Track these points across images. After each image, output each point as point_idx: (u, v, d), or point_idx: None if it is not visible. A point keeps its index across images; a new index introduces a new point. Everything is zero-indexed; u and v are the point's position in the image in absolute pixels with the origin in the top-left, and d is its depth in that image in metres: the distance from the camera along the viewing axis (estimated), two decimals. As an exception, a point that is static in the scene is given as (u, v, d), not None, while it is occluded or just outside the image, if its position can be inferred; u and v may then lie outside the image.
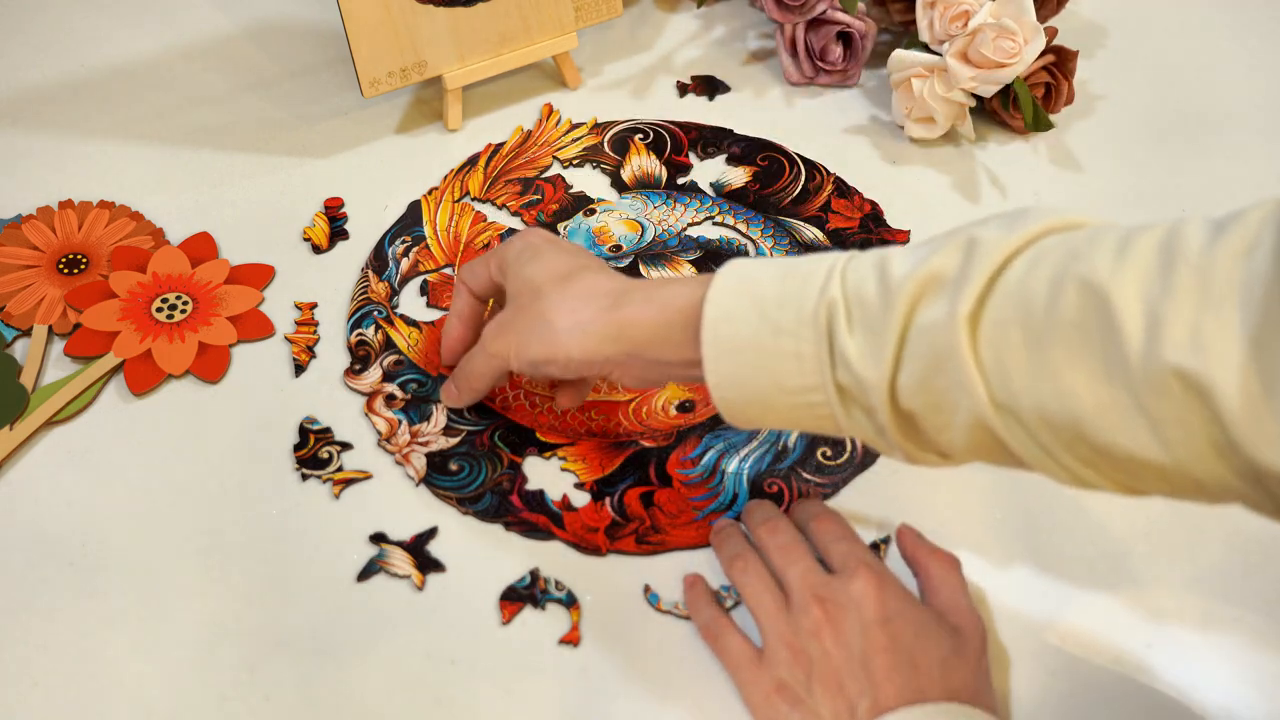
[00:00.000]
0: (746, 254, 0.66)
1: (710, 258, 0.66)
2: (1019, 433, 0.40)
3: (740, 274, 0.46)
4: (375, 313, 0.63)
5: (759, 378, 0.45)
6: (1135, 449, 0.38)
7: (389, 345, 0.61)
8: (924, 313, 0.42)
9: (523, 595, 0.52)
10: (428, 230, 0.67)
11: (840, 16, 0.75)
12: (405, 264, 0.65)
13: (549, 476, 0.56)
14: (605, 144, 0.72)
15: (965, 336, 0.40)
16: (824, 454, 0.57)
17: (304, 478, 0.56)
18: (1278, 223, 0.36)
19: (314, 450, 0.57)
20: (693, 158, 0.72)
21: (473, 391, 0.56)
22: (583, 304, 0.50)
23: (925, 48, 0.72)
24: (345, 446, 0.57)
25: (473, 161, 0.71)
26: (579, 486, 0.56)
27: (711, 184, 0.70)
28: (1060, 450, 0.40)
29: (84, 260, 0.64)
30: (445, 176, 0.70)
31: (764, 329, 0.44)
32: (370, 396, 0.59)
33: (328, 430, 0.57)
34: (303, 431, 0.57)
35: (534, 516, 0.55)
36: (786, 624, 0.48)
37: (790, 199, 0.69)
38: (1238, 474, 0.36)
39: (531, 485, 0.56)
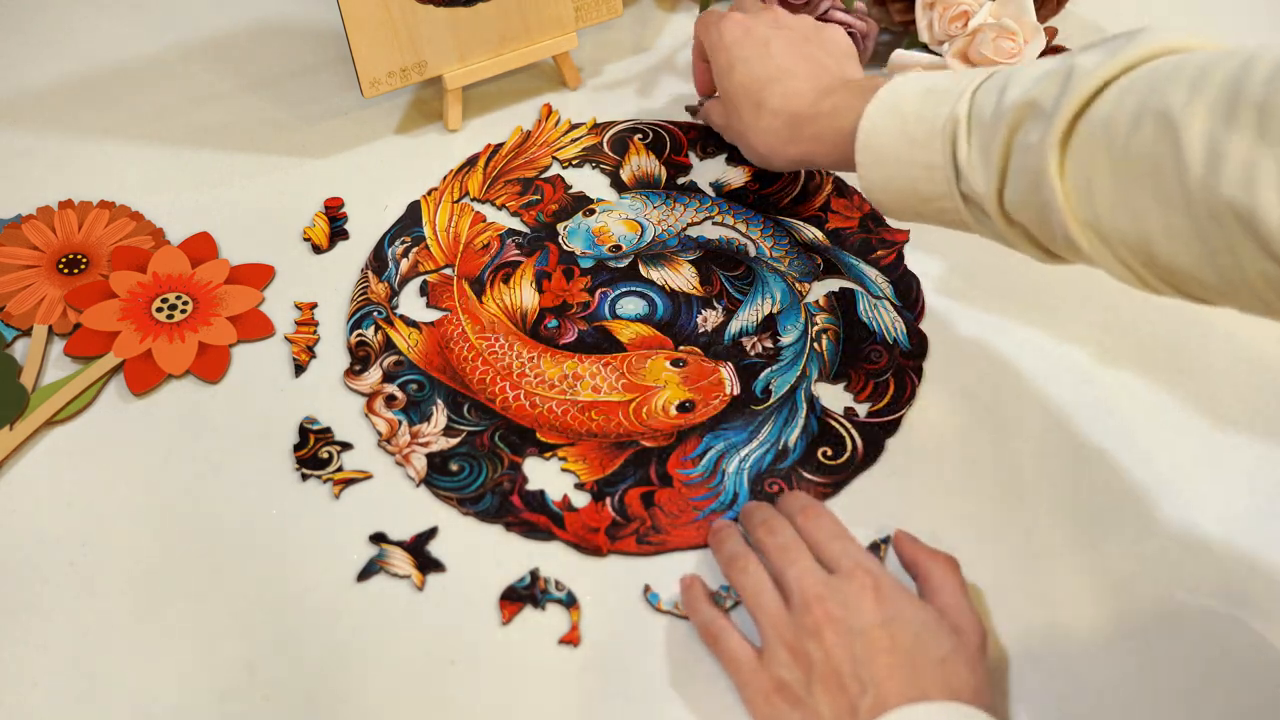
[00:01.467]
0: (746, 254, 0.66)
1: (710, 257, 0.66)
2: (1101, 249, 0.45)
3: (893, 90, 0.52)
4: (375, 313, 0.63)
5: (902, 185, 0.52)
6: (1196, 272, 0.42)
7: (389, 346, 0.61)
8: (1023, 135, 0.46)
9: (523, 595, 0.52)
10: (427, 231, 0.67)
11: (841, 16, 0.74)
12: (405, 264, 0.65)
13: (549, 476, 0.56)
14: (605, 144, 0.72)
15: (1054, 159, 0.45)
16: (824, 454, 0.57)
17: (304, 478, 0.56)
18: None
19: (314, 450, 0.57)
20: (692, 158, 0.72)
21: (710, 124, 0.71)
22: (770, 132, 0.60)
23: (925, 48, 0.72)
24: (345, 447, 0.57)
25: (472, 162, 0.71)
26: (579, 487, 0.56)
27: (711, 184, 0.70)
28: (1137, 265, 0.44)
29: (84, 260, 0.64)
30: (445, 177, 0.70)
31: (903, 142, 0.51)
32: (370, 397, 0.59)
33: (328, 430, 0.57)
34: (303, 431, 0.57)
35: (534, 516, 0.55)
36: (786, 624, 0.48)
37: (790, 199, 0.69)
38: None
39: (532, 485, 0.56)
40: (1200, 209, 0.40)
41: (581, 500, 0.55)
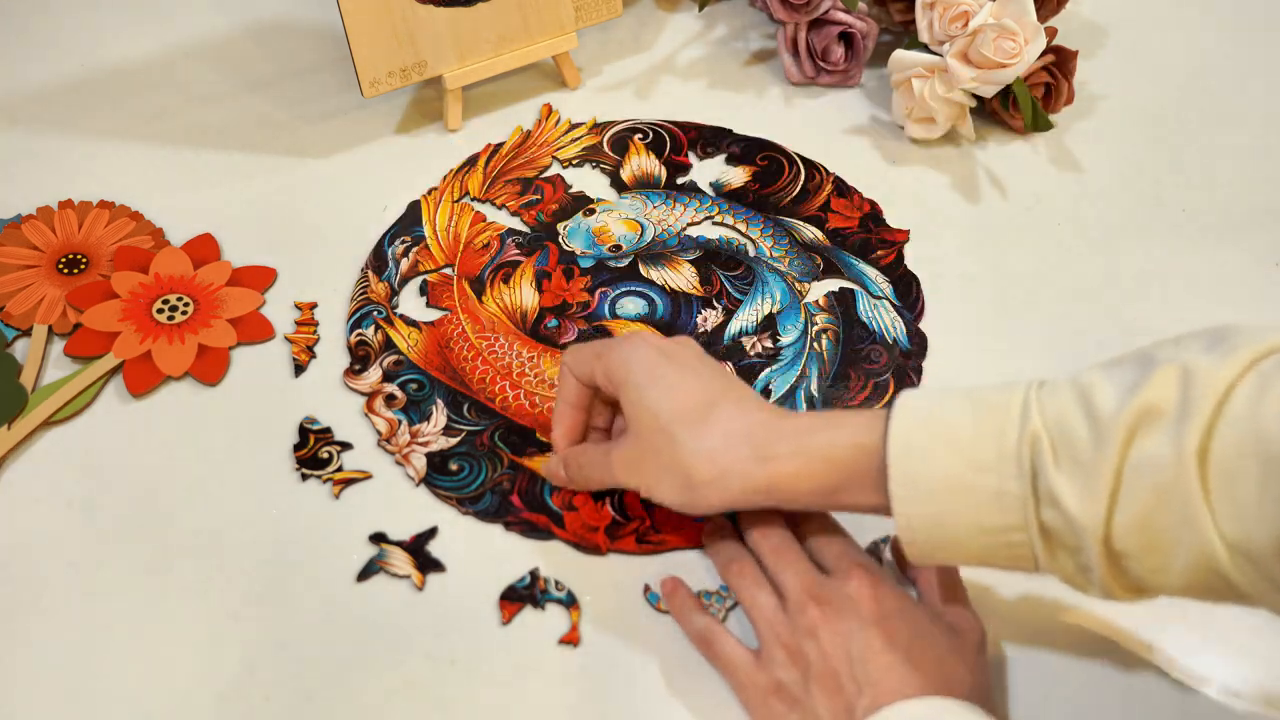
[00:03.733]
0: (746, 254, 0.66)
1: (710, 257, 0.66)
2: (1249, 571, 0.39)
3: (925, 408, 0.44)
4: (375, 313, 0.63)
5: (956, 518, 0.43)
6: None
7: (389, 345, 0.61)
8: (1143, 448, 0.39)
9: (523, 595, 0.52)
10: (427, 230, 0.67)
11: (842, 17, 0.75)
12: (405, 264, 0.65)
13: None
14: (605, 144, 0.72)
15: (1194, 472, 0.38)
16: (824, 454, 0.57)
17: (304, 478, 0.56)
18: None
19: (314, 450, 0.57)
20: (692, 157, 0.72)
21: (585, 488, 0.54)
22: (722, 452, 0.46)
23: (925, 48, 0.72)
24: (345, 446, 0.57)
25: (472, 162, 0.71)
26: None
27: (711, 184, 0.70)
28: None
29: (84, 260, 0.64)
30: (445, 177, 0.70)
31: (963, 467, 0.42)
32: (370, 396, 0.59)
33: (328, 430, 0.57)
34: (303, 431, 0.57)
35: (534, 516, 0.55)
36: (782, 625, 0.48)
37: (790, 199, 0.69)
38: None
39: (532, 485, 0.56)
40: None
41: (581, 500, 0.55)
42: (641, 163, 0.71)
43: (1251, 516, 0.38)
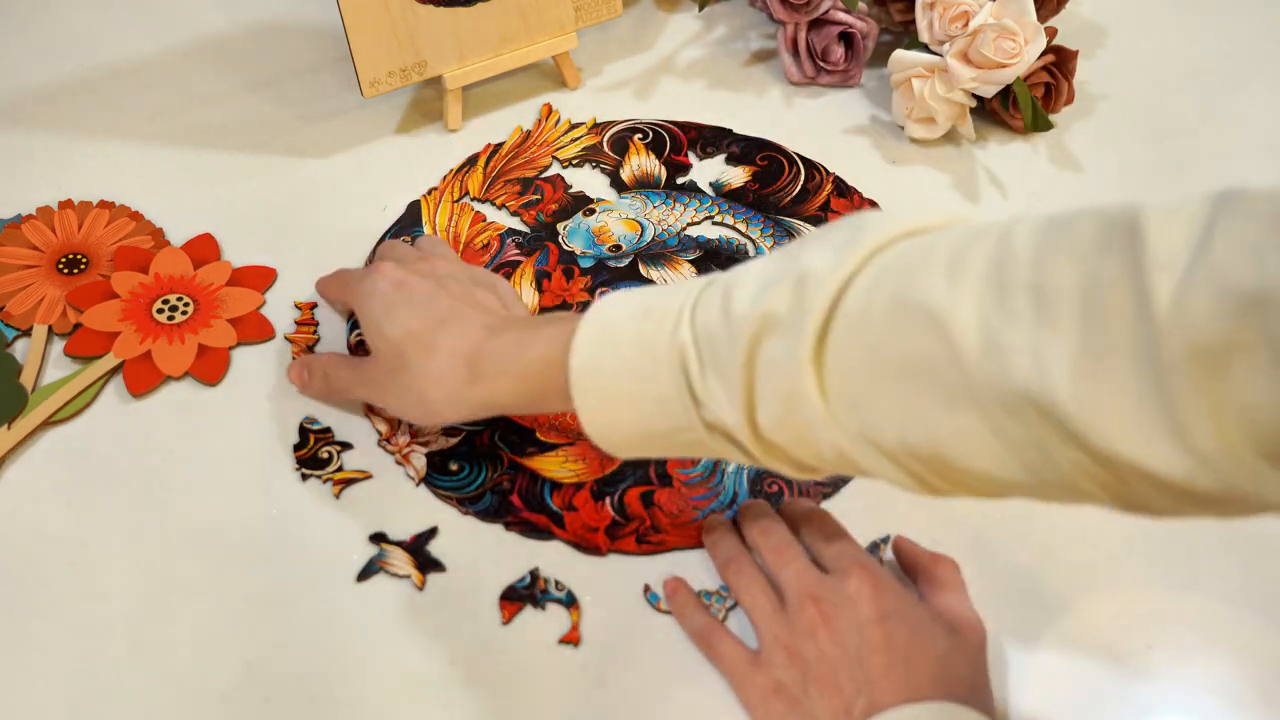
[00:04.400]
0: (746, 254, 0.66)
1: (710, 257, 0.66)
2: (883, 461, 0.40)
3: (602, 320, 0.46)
4: (375, 313, 0.63)
5: (632, 423, 0.45)
6: (999, 472, 0.38)
7: (389, 345, 0.61)
8: (766, 353, 0.41)
9: (523, 595, 0.52)
10: (427, 230, 0.67)
11: (842, 17, 0.75)
12: (405, 264, 0.65)
13: (549, 476, 0.56)
14: (604, 144, 0.72)
15: (811, 377, 0.40)
16: (824, 454, 0.57)
17: (304, 478, 0.56)
18: (1108, 231, 0.35)
19: (314, 450, 0.57)
20: (692, 157, 0.72)
21: (321, 395, 0.58)
22: (447, 374, 0.50)
23: (925, 48, 0.72)
24: (345, 446, 0.57)
25: (472, 162, 0.71)
26: (579, 486, 0.56)
27: (711, 184, 0.70)
28: (928, 474, 0.40)
29: (84, 260, 0.64)
30: (445, 177, 0.70)
31: (626, 375, 0.44)
32: (370, 396, 0.59)
33: (328, 430, 0.57)
34: (303, 431, 0.57)
35: (534, 516, 0.55)
36: (782, 625, 0.48)
37: (790, 198, 0.69)
38: (1101, 486, 0.36)
39: (532, 485, 0.56)
40: (992, 405, 0.36)
41: (581, 500, 0.55)
42: (641, 163, 0.71)
43: (872, 414, 0.39)
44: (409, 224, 0.67)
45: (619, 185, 0.70)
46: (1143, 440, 0.34)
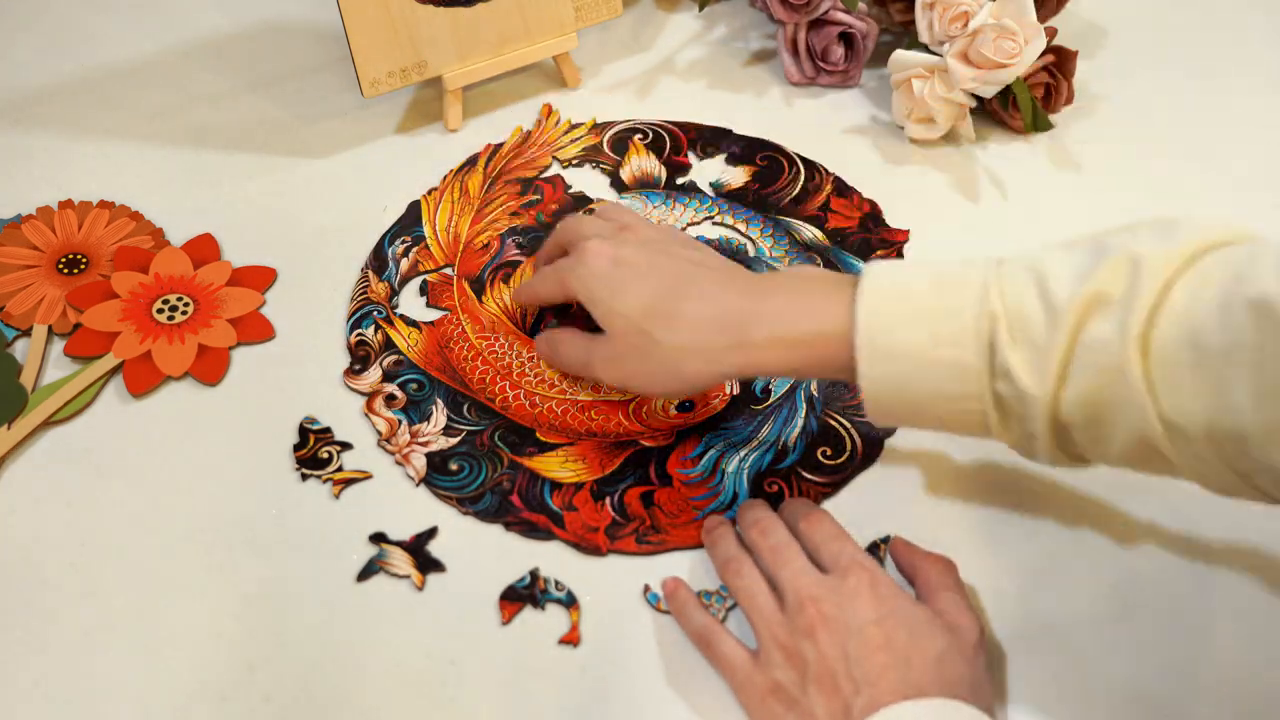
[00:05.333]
0: (746, 254, 0.66)
1: (710, 258, 0.66)
2: (1183, 447, 0.42)
3: (889, 286, 0.47)
4: (375, 313, 0.63)
5: (917, 385, 0.46)
6: None
7: (389, 345, 0.61)
8: (1091, 331, 0.43)
9: (523, 595, 0.52)
10: (427, 230, 0.67)
11: (842, 17, 0.75)
12: (405, 264, 0.65)
13: (549, 476, 0.56)
14: (605, 144, 0.72)
15: (1136, 355, 0.42)
16: (824, 453, 0.57)
17: (304, 478, 0.56)
18: None
19: (314, 450, 0.57)
20: (692, 158, 0.72)
21: (559, 367, 0.59)
22: (702, 343, 0.50)
23: (925, 48, 0.72)
24: (345, 446, 0.57)
25: (472, 162, 0.71)
26: (579, 486, 0.56)
27: (711, 184, 0.70)
28: (1220, 465, 0.42)
29: (84, 260, 0.64)
30: (445, 177, 0.70)
31: (926, 338, 0.46)
32: (370, 396, 0.59)
33: (328, 430, 0.57)
34: (303, 431, 0.57)
35: (534, 516, 0.55)
36: (780, 625, 0.48)
37: (789, 199, 0.69)
38: None
39: (532, 485, 0.56)
40: None
41: (581, 500, 0.55)
42: (641, 163, 0.71)
43: (1186, 400, 0.41)
44: (409, 224, 0.67)
45: (619, 185, 0.70)
46: None
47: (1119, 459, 0.45)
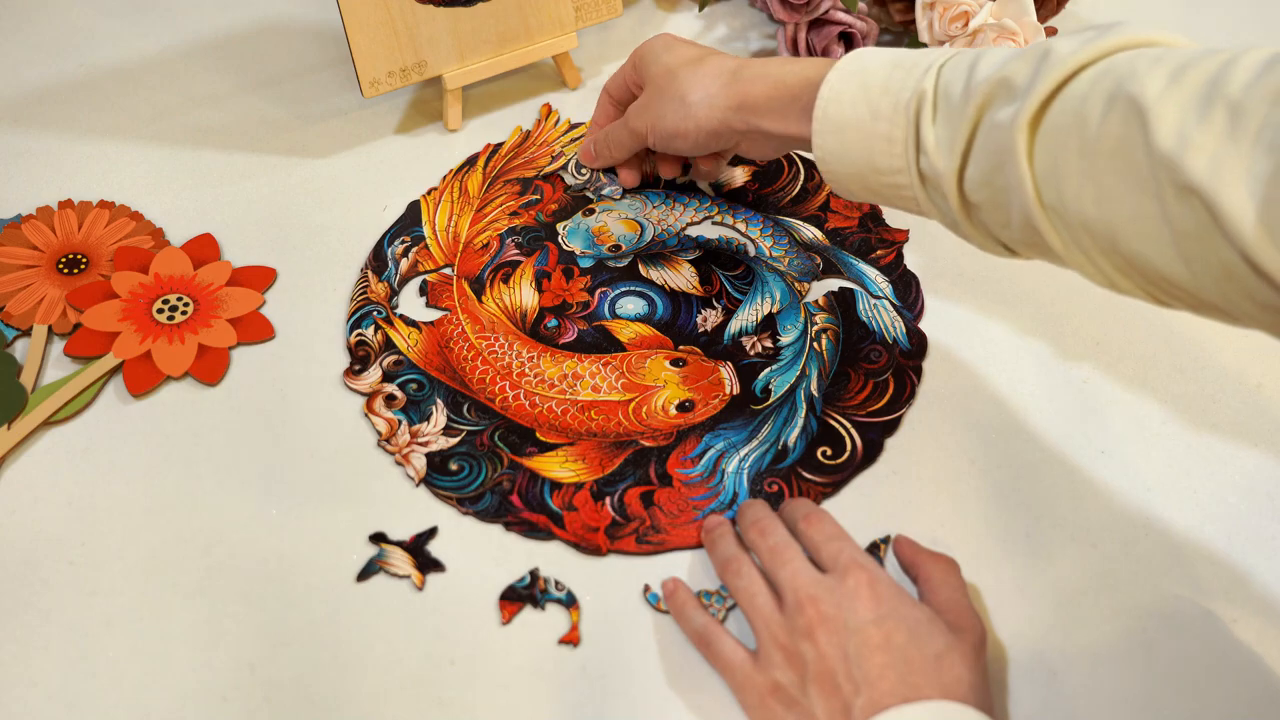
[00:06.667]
0: (746, 253, 0.66)
1: (710, 257, 0.66)
2: (1063, 233, 0.45)
3: (858, 60, 0.52)
4: (375, 313, 0.63)
5: (857, 155, 0.51)
6: (1160, 262, 0.42)
7: (389, 345, 0.61)
8: (992, 114, 0.46)
9: (523, 595, 0.52)
10: (427, 230, 0.67)
11: (842, 17, 0.75)
12: (404, 264, 0.65)
13: (549, 476, 0.56)
14: (605, 144, 0.72)
15: (1023, 140, 0.44)
16: (824, 454, 0.57)
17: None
18: None
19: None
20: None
21: (609, 158, 0.67)
22: (710, 79, 0.58)
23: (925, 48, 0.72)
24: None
25: (472, 162, 0.71)
26: (579, 486, 0.56)
27: (710, 184, 0.70)
28: (1098, 255, 0.44)
29: (84, 260, 0.64)
30: (445, 177, 0.70)
31: (865, 112, 0.50)
32: (370, 397, 0.59)
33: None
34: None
35: (534, 516, 0.55)
36: (780, 625, 0.48)
37: (789, 198, 0.69)
38: (1250, 298, 0.40)
39: (531, 485, 0.56)
40: (1167, 190, 0.40)
41: (581, 500, 0.55)
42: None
43: (1066, 186, 0.44)
44: (409, 224, 0.67)
45: (619, 185, 0.70)
46: None
47: (1020, 244, 0.48)
